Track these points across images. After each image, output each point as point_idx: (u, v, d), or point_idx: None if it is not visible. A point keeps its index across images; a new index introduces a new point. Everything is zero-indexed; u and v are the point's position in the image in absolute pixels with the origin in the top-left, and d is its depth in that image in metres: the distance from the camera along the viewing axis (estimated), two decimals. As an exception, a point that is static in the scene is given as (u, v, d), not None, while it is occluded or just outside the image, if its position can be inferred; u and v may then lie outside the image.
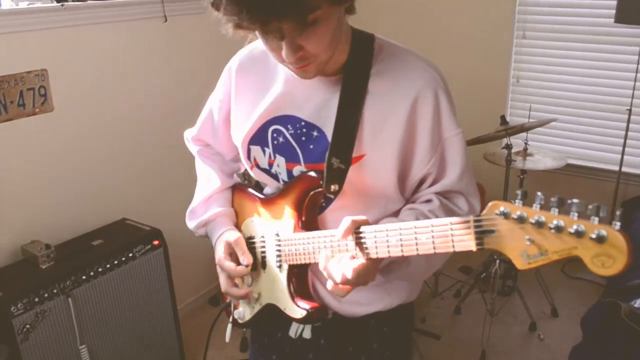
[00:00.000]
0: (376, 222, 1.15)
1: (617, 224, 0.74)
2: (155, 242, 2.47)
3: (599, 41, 3.31)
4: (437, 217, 1.15)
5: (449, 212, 1.17)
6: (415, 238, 0.97)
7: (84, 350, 2.21)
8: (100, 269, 2.26)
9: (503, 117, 2.93)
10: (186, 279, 3.05)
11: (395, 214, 1.25)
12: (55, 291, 2.11)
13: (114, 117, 2.64)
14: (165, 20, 2.73)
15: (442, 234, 0.94)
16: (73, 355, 2.20)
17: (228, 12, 0.92)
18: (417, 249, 0.98)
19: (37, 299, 2.05)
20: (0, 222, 2.27)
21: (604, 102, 3.39)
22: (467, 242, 0.90)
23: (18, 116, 2.24)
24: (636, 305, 2.16)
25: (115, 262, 2.32)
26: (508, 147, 2.91)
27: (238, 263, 1.27)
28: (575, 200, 0.77)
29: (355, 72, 1.14)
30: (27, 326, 2.03)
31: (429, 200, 1.19)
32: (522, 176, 3.10)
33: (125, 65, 2.66)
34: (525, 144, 3.10)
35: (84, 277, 2.20)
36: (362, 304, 1.26)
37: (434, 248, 0.95)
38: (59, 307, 2.13)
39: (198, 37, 2.93)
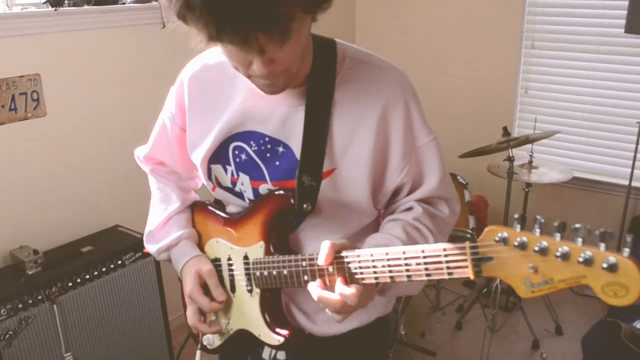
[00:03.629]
0: (351, 237, 1.10)
1: (627, 250, 0.70)
2: (146, 250, 2.43)
3: (609, 52, 3.23)
4: (424, 225, 1.12)
5: (433, 218, 1.14)
6: (406, 264, 0.93)
7: (69, 358, 2.18)
8: (87, 276, 2.23)
9: (505, 129, 2.85)
10: (180, 290, 3.01)
11: (371, 227, 1.20)
12: (39, 297, 2.08)
13: (108, 123, 2.62)
14: (164, 27, 2.71)
15: (435, 260, 0.89)
16: (58, 363, 2.17)
17: (203, 26, 0.85)
18: (408, 276, 0.93)
19: (20, 305, 2.03)
20: (-10, 226, 2.27)
21: (613, 114, 3.30)
22: (463, 269, 0.86)
23: (9, 120, 2.23)
24: (637, 326, 2.07)
25: (104, 269, 2.29)
26: (510, 159, 2.84)
27: (211, 296, 1.21)
28: (578, 225, 0.73)
29: (319, 82, 1.07)
30: (10, 332, 2.01)
31: (410, 208, 1.14)
32: (527, 189, 3.02)
33: (120, 71, 2.64)
34: (530, 156, 3.02)
35: (70, 284, 2.17)
36: (337, 322, 1.20)
37: (427, 275, 0.91)
38: (44, 313, 2.10)
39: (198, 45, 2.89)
